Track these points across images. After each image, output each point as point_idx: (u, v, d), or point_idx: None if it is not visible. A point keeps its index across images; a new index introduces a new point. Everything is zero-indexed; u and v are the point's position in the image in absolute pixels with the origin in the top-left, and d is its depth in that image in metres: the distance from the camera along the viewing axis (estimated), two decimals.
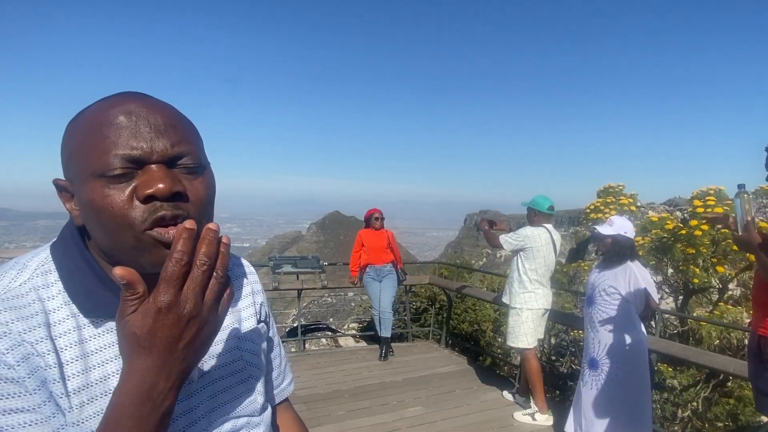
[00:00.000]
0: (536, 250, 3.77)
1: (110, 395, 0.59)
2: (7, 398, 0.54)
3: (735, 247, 4.05)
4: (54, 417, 0.57)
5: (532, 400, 3.85)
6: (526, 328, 3.79)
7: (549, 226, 3.88)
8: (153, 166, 0.60)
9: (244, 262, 0.87)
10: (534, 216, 3.88)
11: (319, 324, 7.57)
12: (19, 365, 0.56)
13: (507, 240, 3.84)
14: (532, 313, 3.79)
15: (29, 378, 0.56)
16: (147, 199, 0.58)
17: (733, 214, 2.19)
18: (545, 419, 3.75)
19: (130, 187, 0.59)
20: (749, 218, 2.07)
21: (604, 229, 2.95)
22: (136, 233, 0.59)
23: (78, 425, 0.59)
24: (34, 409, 0.56)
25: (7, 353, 0.56)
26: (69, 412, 0.59)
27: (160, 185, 0.58)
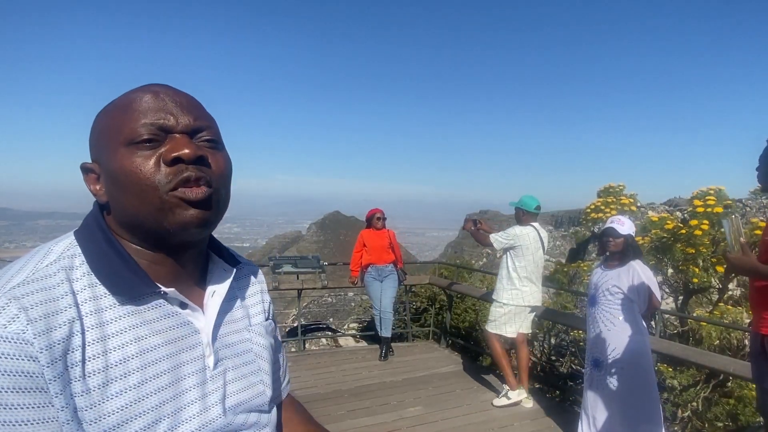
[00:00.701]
0: (525, 248, 3.90)
1: (129, 377, 0.62)
2: (19, 392, 0.54)
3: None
4: (63, 410, 0.57)
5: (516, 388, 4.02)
6: (507, 319, 3.99)
7: (536, 224, 4.02)
8: (177, 135, 0.66)
9: (251, 262, 0.91)
10: (522, 215, 4.01)
11: (319, 324, 7.57)
12: (42, 353, 0.56)
13: (497, 239, 3.97)
14: (517, 308, 3.97)
15: (49, 367, 0.56)
16: (173, 162, 0.64)
17: (725, 240, 2.21)
18: (518, 394, 3.96)
19: (158, 153, 0.65)
20: (742, 240, 2.12)
21: (621, 228, 2.92)
22: (161, 194, 0.63)
23: (95, 407, 0.59)
24: (43, 406, 0.56)
25: (34, 341, 0.56)
26: (87, 394, 0.59)
27: (186, 150, 0.64)
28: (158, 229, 0.66)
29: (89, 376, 0.60)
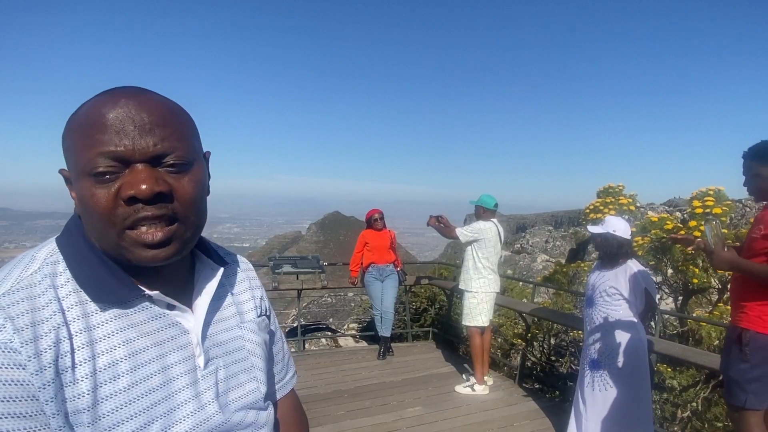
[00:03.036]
0: (487, 241, 4.32)
1: (119, 380, 0.62)
2: (8, 402, 0.54)
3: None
4: (55, 417, 0.57)
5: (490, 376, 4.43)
6: (481, 308, 4.34)
7: (495, 220, 4.44)
8: (138, 165, 0.61)
9: (241, 258, 0.89)
10: (482, 212, 4.43)
11: (319, 324, 7.57)
12: (30, 361, 0.56)
13: (463, 232, 4.38)
14: (487, 295, 4.35)
15: (37, 375, 0.56)
16: (130, 200, 0.60)
17: (703, 239, 2.34)
18: (482, 389, 4.31)
19: (116, 187, 0.61)
20: (723, 240, 2.27)
21: (595, 228, 2.97)
22: (118, 231, 0.61)
23: (87, 411, 0.59)
24: (34, 415, 0.55)
25: (21, 349, 0.56)
26: (78, 398, 0.59)
27: (142, 186, 0.60)
28: (121, 260, 0.65)
29: (79, 381, 0.60)
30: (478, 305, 4.34)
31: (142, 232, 0.61)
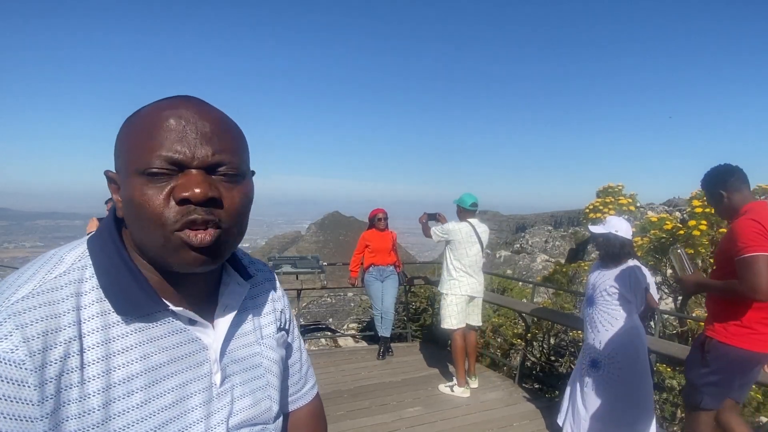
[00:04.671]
0: (458, 243, 4.23)
1: (132, 396, 0.61)
2: (7, 401, 0.53)
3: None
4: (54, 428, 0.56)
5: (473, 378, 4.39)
6: (450, 311, 4.25)
7: (474, 220, 4.33)
8: (193, 170, 0.62)
9: (266, 267, 0.88)
10: (459, 212, 4.37)
11: (319, 324, 7.57)
12: (33, 374, 0.55)
13: (434, 231, 4.39)
14: (456, 298, 4.24)
15: (38, 389, 0.55)
16: (182, 202, 0.61)
17: (671, 268, 2.59)
18: (462, 392, 4.26)
19: (168, 188, 0.61)
20: (688, 265, 2.52)
21: (596, 228, 2.97)
22: (166, 233, 0.61)
23: (97, 427, 0.58)
24: (27, 418, 0.54)
25: (26, 360, 0.55)
26: (87, 414, 0.58)
27: (197, 190, 0.61)
28: (162, 263, 0.65)
29: (89, 397, 0.59)
30: (448, 307, 4.24)
31: (190, 234, 0.61)
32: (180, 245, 0.62)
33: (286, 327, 0.86)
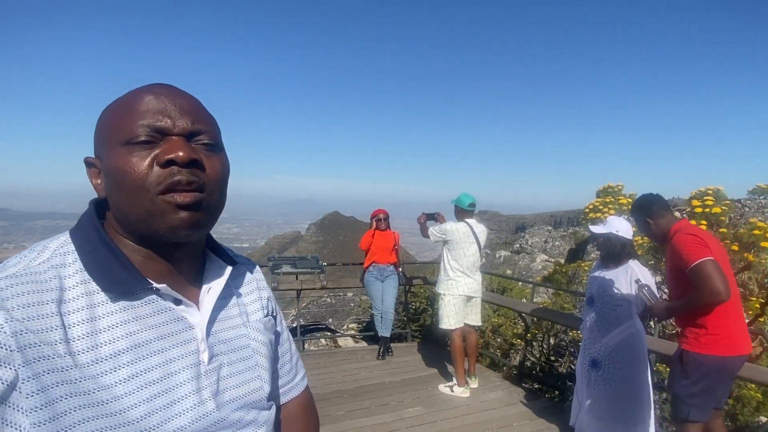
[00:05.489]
0: (455, 243, 4.23)
1: (119, 370, 0.62)
2: None
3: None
4: (39, 410, 0.56)
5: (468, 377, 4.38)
6: (448, 311, 4.26)
7: (471, 221, 4.34)
8: (174, 137, 0.67)
9: (249, 260, 0.91)
10: (457, 212, 4.37)
11: (318, 324, 7.56)
12: (12, 339, 0.56)
13: (432, 231, 4.37)
14: (453, 298, 4.25)
15: (20, 352, 0.56)
16: (166, 164, 0.65)
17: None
18: (461, 392, 4.26)
19: (152, 154, 0.65)
20: (652, 296, 2.67)
21: (597, 228, 2.97)
22: (152, 196, 0.64)
23: (86, 396, 0.59)
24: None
25: (5, 325, 0.56)
26: (78, 382, 0.59)
27: (180, 152, 0.65)
28: (148, 230, 0.67)
29: (82, 367, 0.60)
30: (446, 307, 4.25)
31: (176, 195, 0.65)
32: (166, 208, 0.65)
33: (273, 314, 0.88)
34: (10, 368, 0.55)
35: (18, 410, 0.55)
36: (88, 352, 0.61)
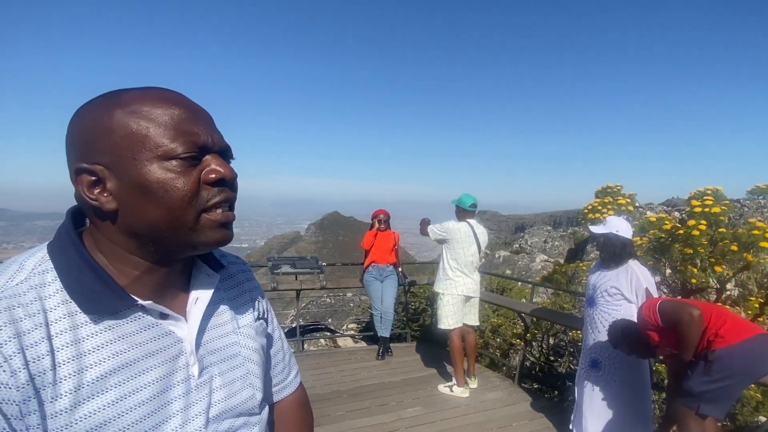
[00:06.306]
0: (456, 242, 4.22)
1: (106, 393, 0.60)
2: None
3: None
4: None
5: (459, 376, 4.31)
6: (447, 311, 4.26)
7: (472, 221, 4.34)
8: (214, 154, 0.66)
9: (238, 258, 0.89)
10: (459, 212, 4.37)
11: (318, 324, 7.56)
12: (12, 377, 0.55)
13: (432, 230, 4.35)
14: (452, 298, 4.24)
15: (19, 390, 0.56)
16: (216, 183, 0.65)
17: None
18: (461, 392, 4.25)
19: (197, 170, 0.64)
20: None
21: (596, 228, 2.97)
22: (198, 213, 0.64)
23: (69, 427, 0.58)
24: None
25: (3, 365, 0.55)
26: (60, 415, 0.58)
27: (228, 171, 0.66)
28: (180, 244, 0.66)
29: (62, 397, 0.58)
30: (444, 307, 4.24)
31: (219, 213, 0.65)
32: (209, 224, 0.65)
33: (264, 316, 0.86)
34: (15, 405, 0.55)
35: None
36: (74, 377, 0.59)
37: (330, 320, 8.52)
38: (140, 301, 0.65)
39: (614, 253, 2.91)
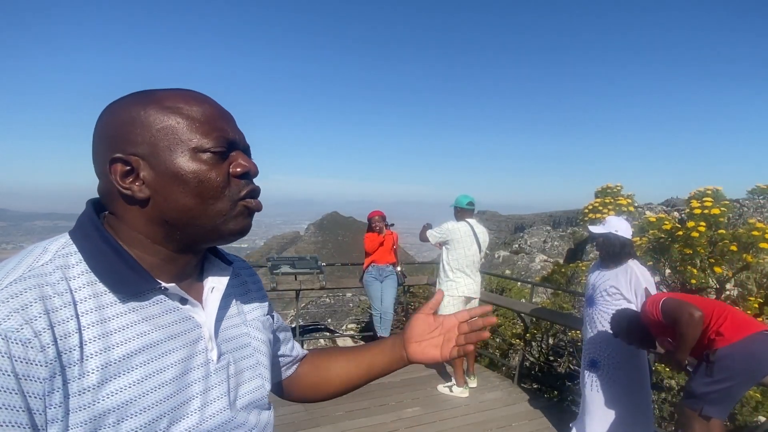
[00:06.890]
0: (456, 242, 4.20)
1: (132, 372, 0.62)
2: (7, 393, 0.53)
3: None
4: (57, 407, 0.57)
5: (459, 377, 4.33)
6: (447, 312, 4.08)
7: (471, 220, 4.32)
8: (240, 150, 0.72)
9: (243, 260, 0.93)
10: (457, 212, 4.35)
11: (317, 325, 7.56)
12: (41, 352, 0.55)
13: (432, 233, 4.32)
14: (453, 299, 4.20)
15: (46, 366, 0.56)
16: (243, 176, 0.71)
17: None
18: (460, 392, 4.25)
19: (226, 164, 0.70)
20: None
21: (596, 228, 2.97)
22: (233, 201, 0.70)
23: (93, 405, 0.59)
24: (17, 409, 0.54)
25: (33, 340, 0.55)
26: (84, 393, 0.59)
27: (253, 166, 0.72)
28: (208, 231, 0.70)
29: (89, 374, 0.59)
30: (444, 309, 4.15)
31: (251, 202, 0.72)
32: (242, 212, 0.71)
33: (270, 312, 0.90)
34: (40, 382, 0.55)
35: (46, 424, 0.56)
36: (101, 354, 0.60)
37: (329, 320, 8.52)
38: (163, 284, 0.67)
39: (614, 252, 2.92)
